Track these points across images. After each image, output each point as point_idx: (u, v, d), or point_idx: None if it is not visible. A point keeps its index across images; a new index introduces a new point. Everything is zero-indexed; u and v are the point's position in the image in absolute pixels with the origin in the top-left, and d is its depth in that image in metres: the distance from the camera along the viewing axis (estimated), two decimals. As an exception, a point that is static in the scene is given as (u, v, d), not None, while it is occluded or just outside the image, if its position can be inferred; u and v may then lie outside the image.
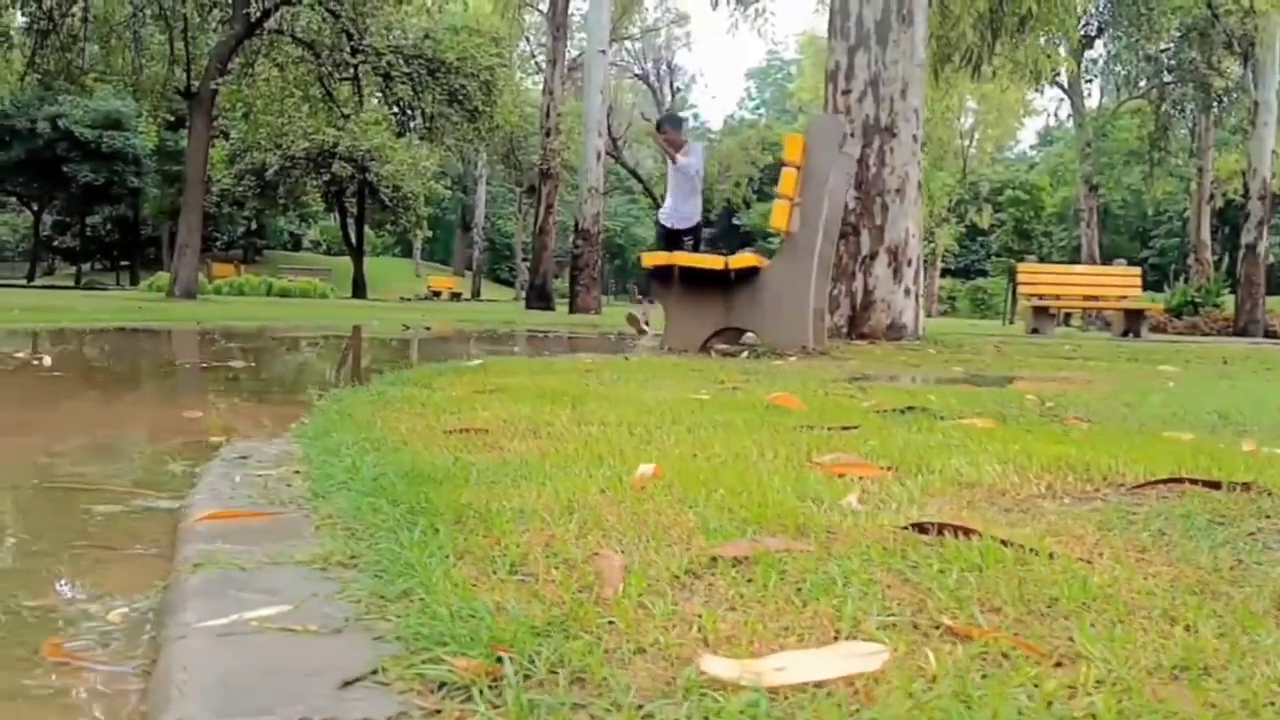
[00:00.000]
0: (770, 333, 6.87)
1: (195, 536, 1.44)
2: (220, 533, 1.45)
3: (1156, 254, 49.99)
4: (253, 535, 1.44)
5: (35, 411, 3.27)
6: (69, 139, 39.89)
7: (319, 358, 5.95)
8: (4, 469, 2.22)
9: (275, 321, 10.99)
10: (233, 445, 2.39)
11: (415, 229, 42.67)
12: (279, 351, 6.79)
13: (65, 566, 1.46)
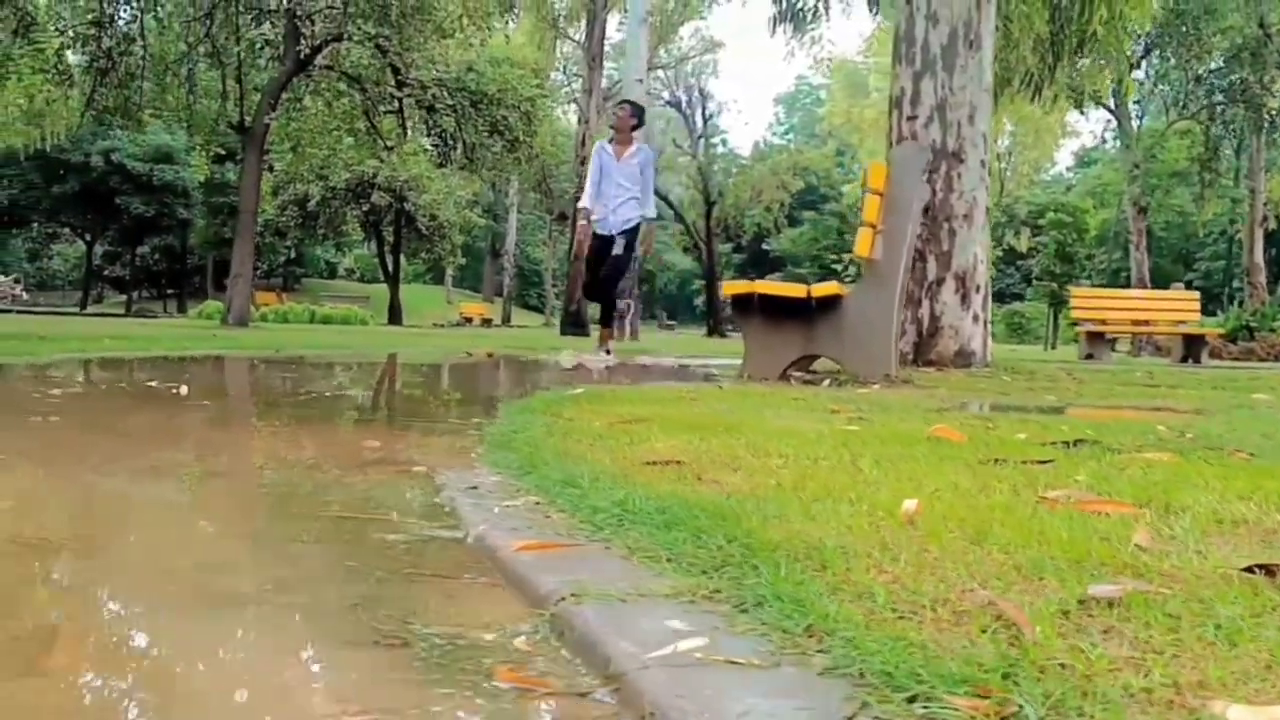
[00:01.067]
0: (853, 361, 6.87)
1: (528, 566, 1.51)
2: (546, 563, 1.51)
3: (1201, 277, 49.54)
4: (574, 565, 1.50)
5: (223, 441, 3.33)
6: (121, 172, 40.52)
7: (422, 384, 6.03)
8: (263, 499, 2.26)
9: (342, 348, 11.08)
10: (443, 474, 2.44)
11: (450, 256, 42.90)
12: (379, 378, 6.87)
13: (425, 595, 1.51)
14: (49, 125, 31.64)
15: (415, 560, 1.69)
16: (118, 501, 2.22)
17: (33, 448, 2.90)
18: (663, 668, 1.05)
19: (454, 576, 1.60)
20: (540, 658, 1.21)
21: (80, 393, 4.40)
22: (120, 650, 1.26)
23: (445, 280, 59.44)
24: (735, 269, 55.55)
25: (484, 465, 2.62)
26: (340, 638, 1.31)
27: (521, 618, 1.35)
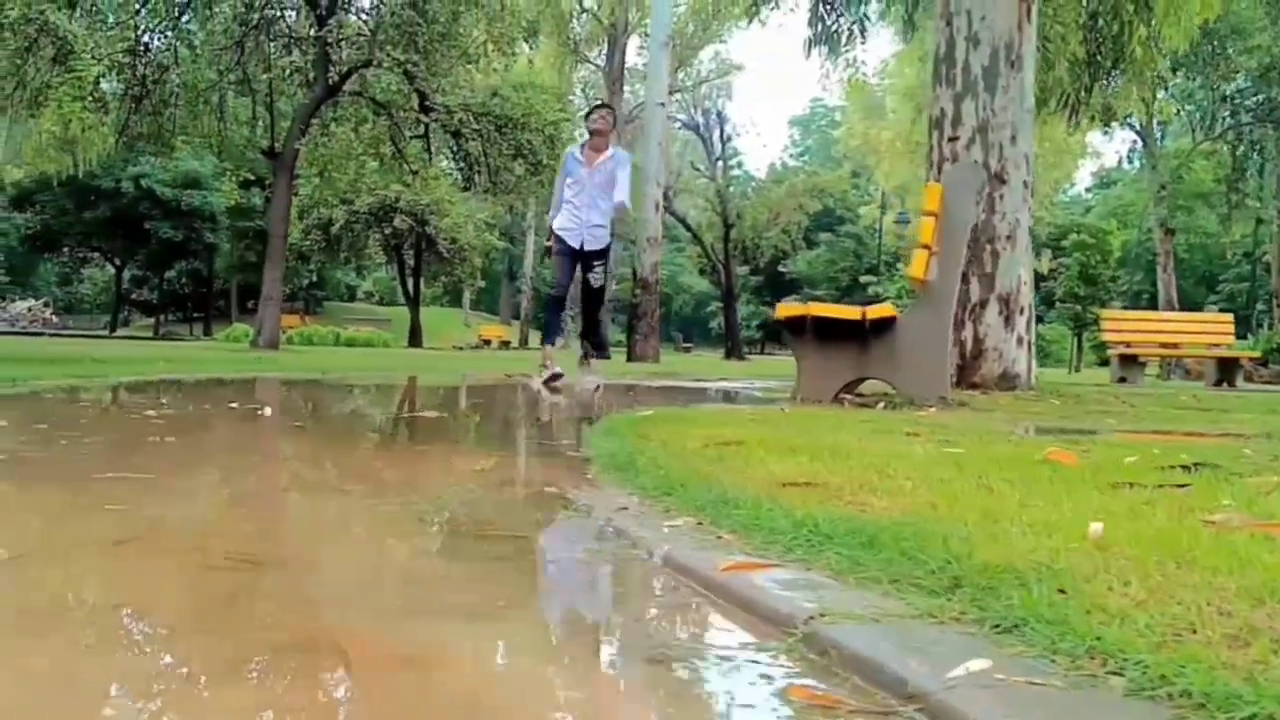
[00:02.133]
0: (907, 383, 6.85)
1: (747, 586, 1.52)
2: (762, 583, 1.51)
3: (1225, 299, 49.28)
4: (791, 585, 1.50)
5: (351, 462, 3.33)
6: (151, 198, 40.82)
7: (484, 406, 6.04)
8: (427, 517, 2.27)
9: (382, 371, 11.12)
10: (578, 494, 2.46)
11: (470, 279, 43.04)
12: (442, 401, 6.89)
13: (655, 613, 1.51)
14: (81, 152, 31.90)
15: (620, 579, 1.70)
16: (299, 520, 2.22)
17: (172, 469, 2.91)
18: (972, 688, 1.05)
19: (666, 596, 1.61)
20: (811, 676, 1.21)
21: (175, 414, 4.42)
22: (406, 661, 1.26)
23: (463, 303, 59.60)
24: (752, 291, 55.60)
25: (611, 485, 2.63)
26: (616, 654, 1.33)
27: (767, 636, 1.36)
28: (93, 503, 2.20)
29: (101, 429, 3.78)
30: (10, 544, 1.66)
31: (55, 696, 1.07)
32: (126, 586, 1.51)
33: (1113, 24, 12.76)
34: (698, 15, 33.83)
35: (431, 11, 20.19)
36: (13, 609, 1.37)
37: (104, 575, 1.58)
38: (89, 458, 3.04)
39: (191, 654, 1.22)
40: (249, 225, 43.47)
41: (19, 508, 2.14)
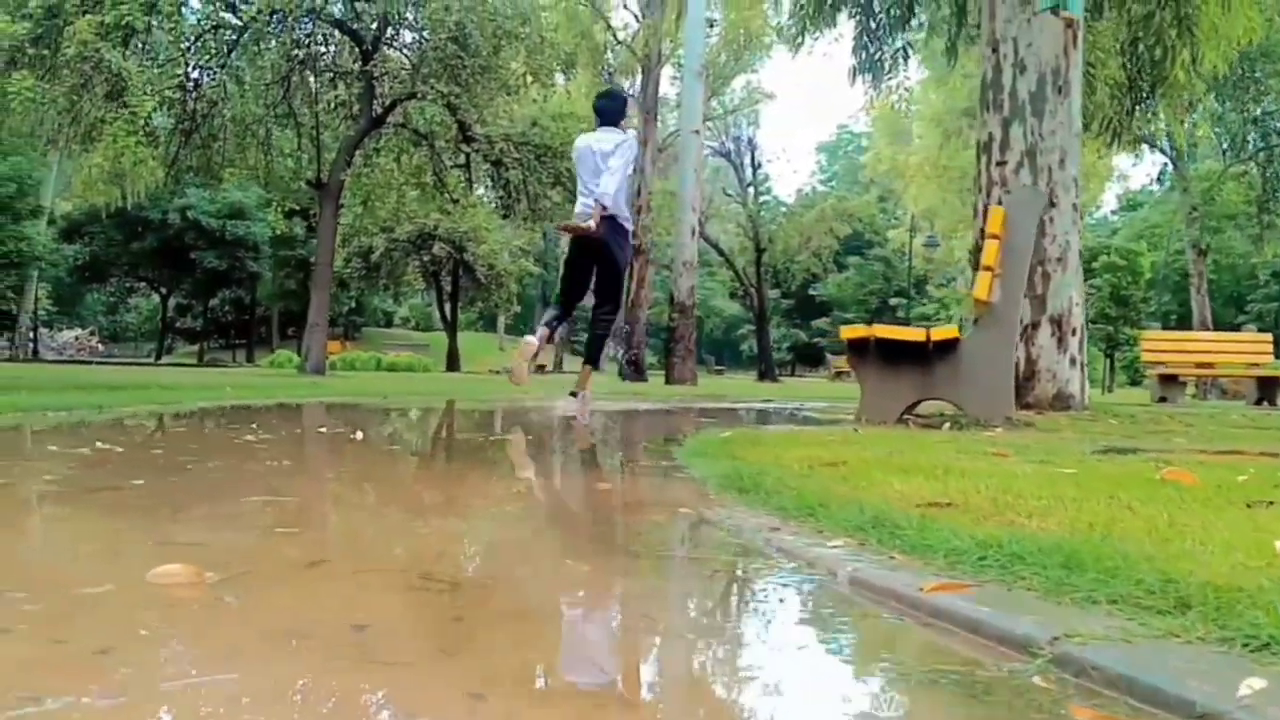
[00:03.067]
0: (972, 404, 6.82)
1: (974, 609, 1.50)
2: (976, 603, 1.50)
3: (1254, 319, 48.83)
4: (1008, 605, 1.48)
5: (478, 482, 3.34)
6: (196, 228, 41.33)
7: (559, 428, 6.03)
8: (584, 536, 2.26)
9: (439, 394, 11.15)
10: (715, 515, 2.44)
11: (506, 305, 43.21)
12: (515, 422, 6.91)
13: (886, 637, 1.50)
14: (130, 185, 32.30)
15: (819, 600, 1.69)
16: (466, 541, 2.22)
17: (313, 493, 2.93)
18: (1271, 706, 1.03)
19: (880, 618, 1.59)
20: (1077, 698, 1.19)
21: (274, 439, 4.44)
22: (677, 683, 1.26)
23: (498, 327, 59.85)
24: (782, 314, 55.56)
25: (740, 506, 2.62)
26: (884, 675, 1.32)
27: (1006, 658, 1.34)
28: (260, 526, 2.21)
29: (216, 453, 3.80)
30: (211, 566, 1.66)
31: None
32: (352, 607, 1.51)
33: (1155, 49, 12.70)
34: (729, 46, 33.95)
35: (473, 45, 20.34)
36: (254, 629, 1.37)
37: (319, 597, 1.58)
38: (226, 482, 3.05)
39: (454, 676, 1.22)
40: (291, 254, 43.91)
41: (195, 531, 2.15)
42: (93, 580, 1.59)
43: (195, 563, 1.65)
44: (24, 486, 2.60)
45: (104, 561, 1.81)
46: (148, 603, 1.47)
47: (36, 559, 1.81)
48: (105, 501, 2.48)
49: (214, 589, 1.56)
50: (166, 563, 1.64)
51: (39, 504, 2.39)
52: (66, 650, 1.24)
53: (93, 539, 2.01)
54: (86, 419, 5.44)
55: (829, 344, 60.92)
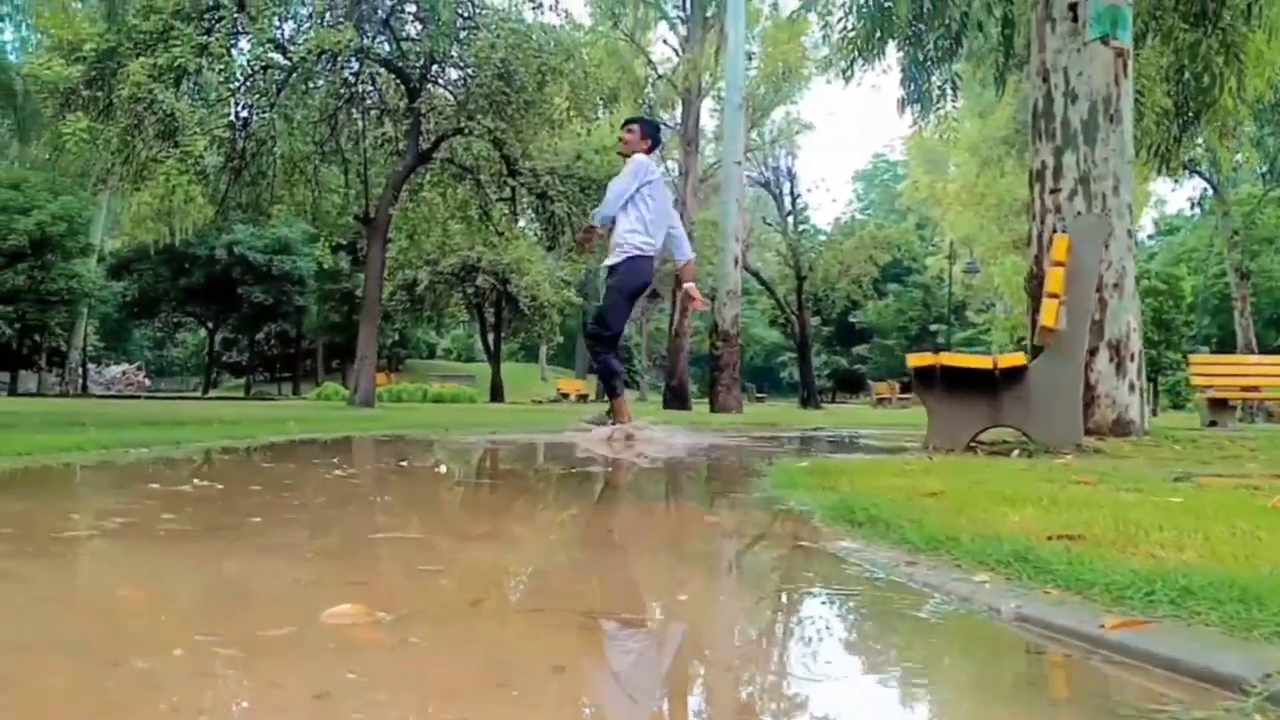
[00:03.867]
0: (1041, 431, 6.76)
1: (1168, 646, 1.47)
2: (1163, 640, 1.47)
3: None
4: (1199, 641, 1.45)
5: (593, 518, 3.33)
6: (243, 263, 41.91)
7: (641, 458, 6.03)
8: (725, 572, 2.25)
9: (495, 426, 11.16)
10: (840, 547, 2.42)
11: (549, 336, 43.40)
12: (586, 453, 6.91)
13: (1081, 678, 1.47)
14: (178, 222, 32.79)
15: (991, 639, 1.66)
16: (615, 575, 2.20)
17: (433, 528, 2.93)
18: None
19: (1062, 655, 1.57)
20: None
21: (360, 472, 4.46)
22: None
23: (540, 358, 60.05)
24: (822, 341, 55.45)
25: (859, 539, 2.59)
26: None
27: (1214, 695, 1.31)
28: (401, 563, 2.21)
29: (315, 489, 3.82)
30: (376, 606, 1.66)
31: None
32: (539, 648, 1.51)
33: (1201, 76, 12.64)
34: (768, 79, 34.09)
35: (518, 81, 20.52)
36: (458, 672, 1.37)
37: (502, 637, 1.58)
38: (343, 519, 3.07)
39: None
40: (335, 288, 44.36)
41: (341, 569, 2.15)
42: (269, 622, 1.60)
43: (357, 602, 1.65)
44: (150, 526, 2.62)
45: (269, 603, 1.81)
46: (338, 645, 1.47)
47: (201, 602, 1.81)
48: (234, 541, 2.49)
49: (392, 630, 1.56)
50: (324, 602, 1.64)
51: (175, 544, 2.40)
52: (285, 694, 1.24)
53: (245, 579, 2.02)
54: (168, 455, 5.49)
55: (870, 370, 60.74)
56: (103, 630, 1.53)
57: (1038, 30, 9.64)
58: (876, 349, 61.25)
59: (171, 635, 1.49)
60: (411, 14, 21.64)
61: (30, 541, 2.38)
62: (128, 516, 2.75)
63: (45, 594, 1.81)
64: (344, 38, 19.20)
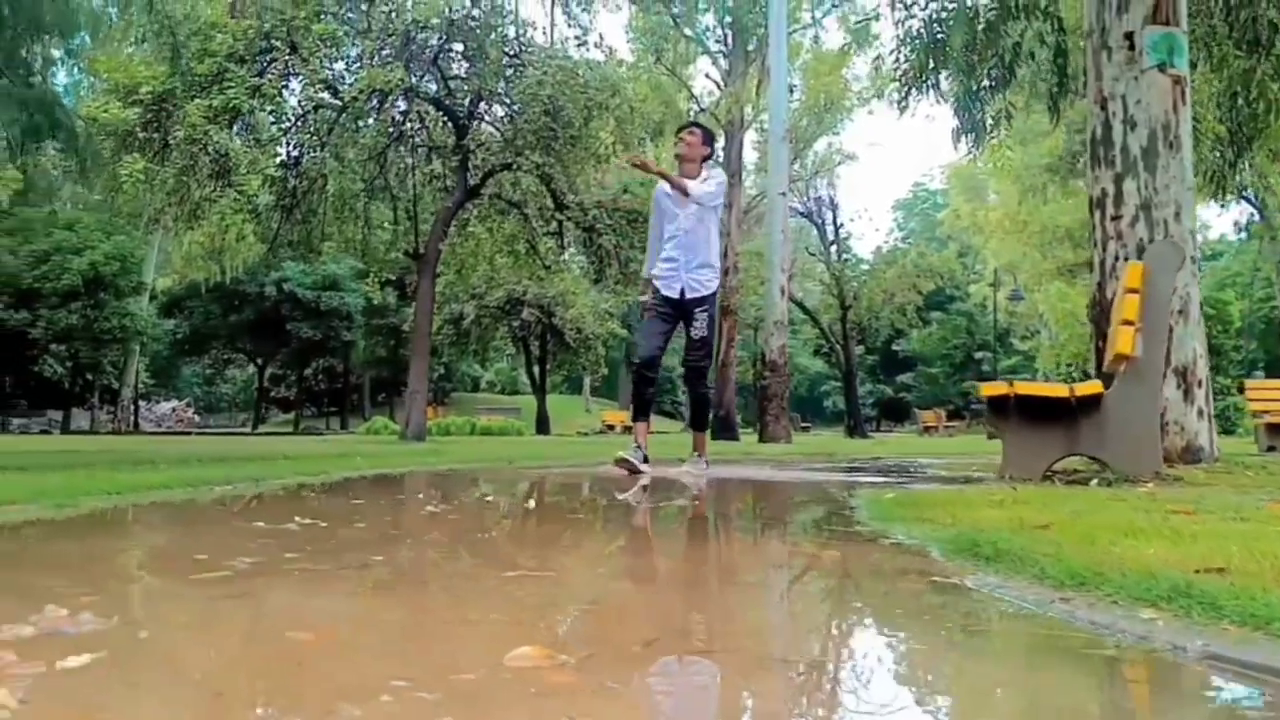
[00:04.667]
0: (1120, 459, 6.66)
1: None
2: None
3: (1333, 365, 47.51)
4: None
5: (687, 553, 3.31)
6: (292, 300, 42.40)
7: (711, 491, 5.99)
8: (875, 610, 2.21)
9: (557, 459, 11.15)
10: (976, 582, 2.37)
11: (594, 368, 43.50)
12: (658, 485, 6.87)
13: None
14: (228, 260, 33.30)
15: (1184, 685, 1.62)
16: (761, 613, 2.17)
17: (555, 565, 2.91)
18: None
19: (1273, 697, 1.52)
20: None
21: (450, 508, 4.46)
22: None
23: (584, 390, 60.16)
24: (867, 370, 55.19)
25: (989, 573, 2.54)
26: None
27: None
28: (549, 602, 2.19)
29: (417, 525, 3.82)
30: (551, 647, 1.64)
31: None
32: (744, 695, 1.48)
33: (1256, 101, 12.53)
34: (810, 110, 34.24)
35: (565, 117, 20.65)
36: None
37: (698, 683, 1.55)
38: (464, 556, 3.06)
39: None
40: (383, 323, 44.74)
41: (491, 608, 2.13)
42: (454, 665, 1.58)
43: (525, 643, 1.63)
44: (278, 566, 2.61)
45: (442, 644, 1.79)
46: (538, 689, 1.45)
47: (375, 644, 1.80)
48: (370, 580, 2.48)
49: (581, 673, 1.54)
50: (495, 643, 1.62)
51: (315, 584, 2.40)
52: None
53: (404, 621, 2.01)
54: (252, 491, 5.51)
55: (914, 398, 60.30)
56: (297, 676, 1.52)
57: (1094, 59, 9.59)
58: (921, 377, 60.85)
59: (367, 680, 1.47)
60: (458, 53, 21.84)
61: (172, 583, 2.38)
62: (251, 556, 2.75)
63: (215, 638, 1.81)
64: (394, 77, 19.43)
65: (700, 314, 7.44)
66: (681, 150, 7.69)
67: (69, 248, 36.85)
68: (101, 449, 13.95)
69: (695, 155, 7.62)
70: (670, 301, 7.48)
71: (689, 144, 7.66)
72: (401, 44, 20.29)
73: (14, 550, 3.26)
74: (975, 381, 56.73)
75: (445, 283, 32.74)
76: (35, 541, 3.49)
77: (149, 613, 2.01)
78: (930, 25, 10.98)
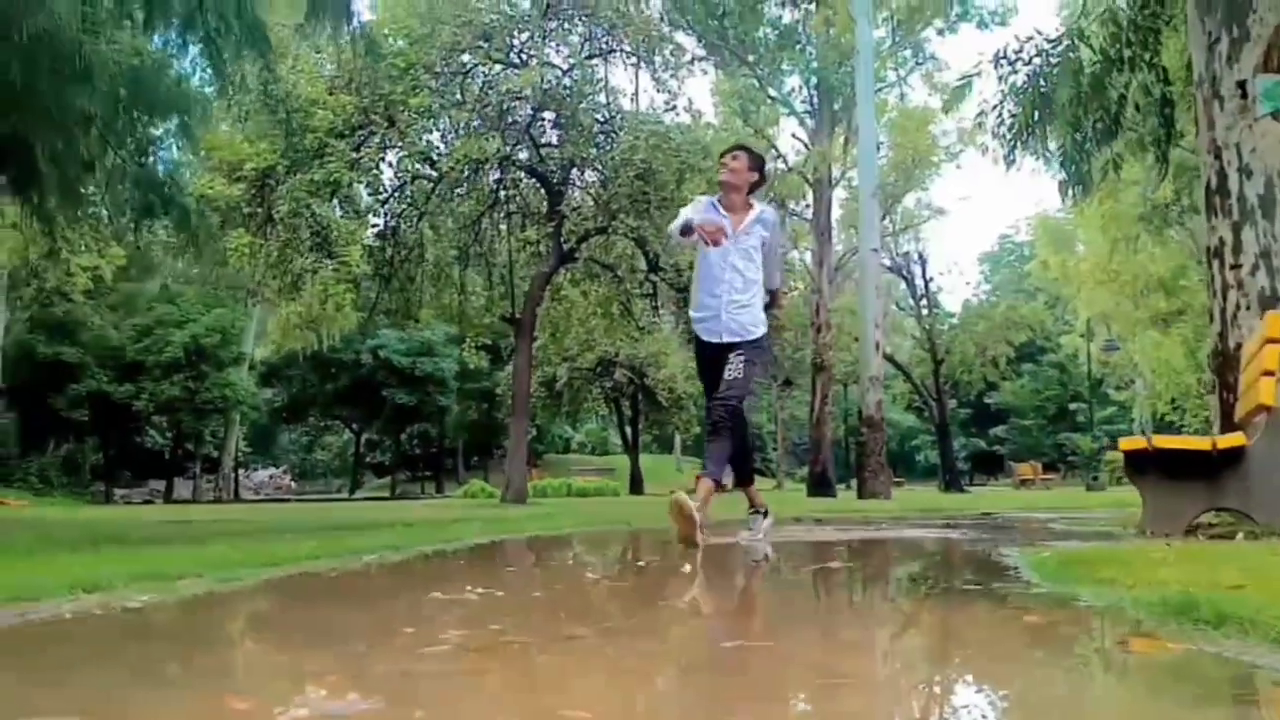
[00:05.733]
0: (1267, 513, 6.44)
1: None
2: None
3: None
4: None
5: (890, 618, 3.26)
6: (387, 367, 43.17)
7: (857, 548, 5.91)
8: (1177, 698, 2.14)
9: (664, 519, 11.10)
10: (1225, 647, 2.29)
11: (686, 427, 43.49)
12: (807, 547, 6.82)
13: None
14: (326, 328, 34.07)
15: None
16: (1021, 687, 2.09)
17: (769, 639, 2.89)
18: None
19: None
20: None
21: (611, 575, 4.45)
22: None
23: (674, 448, 60.10)
24: (959, 423, 54.39)
25: (1225, 641, 2.44)
26: None
27: None
28: (804, 676, 2.16)
29: (592, 593, 3.81)
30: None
31: None
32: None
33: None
34: (898, 167, 34.28)
35: (659, 179, 20.85)
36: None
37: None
38: (668, 624, 3.04)
39: None
40: (475, 387, 45.32)
41: (747, 688, 2.11)
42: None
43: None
44: (488, 638, 2.60)
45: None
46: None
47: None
48: (596, 654, 2.47)
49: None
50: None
51: (545, 658, 2.40)
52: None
53: (677, 699, 2.00)
54: (398, 559, 5.54)
55: (1008, 451, 59.16)
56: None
57: (1204, 109, 9.43)
58: (1014, 429, 59.74)
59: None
60: (550, 121, 22.24)
61: (403, 658, 2.40)
62: (456, 629, 2.73)
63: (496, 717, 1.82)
64: (490, 147, 19.82)
65: (736, 358, 6.18)
66: (725, 177, 6.42)
67: (171, 321, 38.08)
68: (216, 518, 14.23)
69: (741, 183, 6.38)
70: (710, 347, 6.34)
71: (733, 170, 6.41)
72: (496, 115, 20.72)
73: (213, 625, 3.32)
74: (1070, 433, 55.51)
75: (538, 346, 33.17)
76: (236, 616, 3.55)
77: (406, 691, 2.02)
78: (1035, 80, 10.93)
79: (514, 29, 21.25)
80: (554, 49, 21.73)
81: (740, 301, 6.25)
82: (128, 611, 3.23)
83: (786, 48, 31.58)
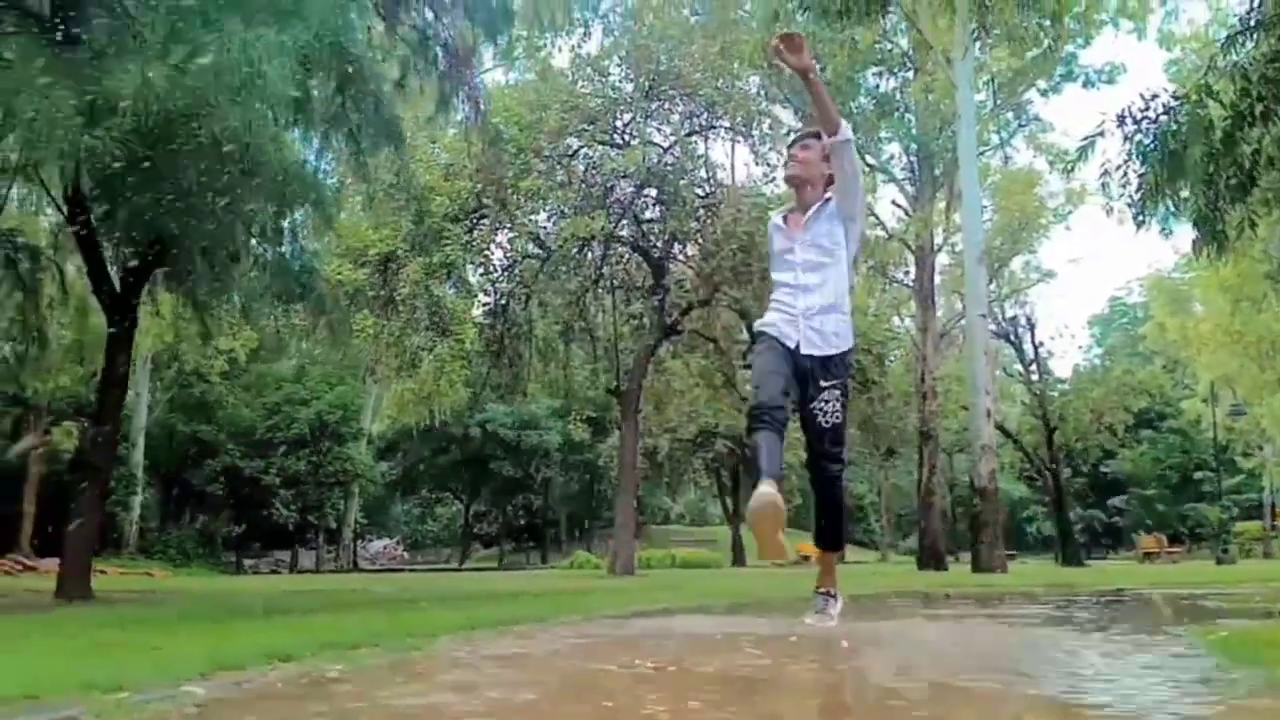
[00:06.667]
0: None
1: None
2: None
3: None
4: None
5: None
6: (494, 440, 43.98)
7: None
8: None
9: (790, 594, 11.01)
10: None
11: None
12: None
13: None
14: (437, 404, 34.79)
15: None
16: None
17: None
18: None
19: None
20: None
21: (785, 656, 4.48)
22: None
23: (774, 520, 59.58)
24: (1074, 494, 52.88)
25: None
26: None
27: None
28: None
29: (776, 674, 3.85)
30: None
31: None
32: None
33: None
34: (1003, 230, 33.97)
35: (760, 250, 20.97)
36: None
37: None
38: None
39: None
40: (578, 458, 45.76)
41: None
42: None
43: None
44: (696, 717, 2.68)
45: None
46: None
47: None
48: None
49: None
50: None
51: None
52: None
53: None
54: (544, 631, 5.61)
55: (1128, 523, 57.15)
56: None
57: (1339, 161, 9.28)
58: (1134, 499, 57.66)
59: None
60: (653, 198, 22.58)
61: None
62: (648, 706, 2.81)
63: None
64: (595, 225, 20.20)
65: (828, 387, 5.10)
66: (794, 170, 5.27)
67: (297, 399, 40.12)
68: (349, 588, 14.57)
69: (814, 175, 5.20)
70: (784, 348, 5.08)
71: (802, 161, 5.25)
72: (601, 194, 21.16)
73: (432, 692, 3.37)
74: (1195, 503, 53.54)
75: (641, 417, 33.40)
76: (443, 688, 3.60)
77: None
78: (1163, 138, 10.79)
79: (617, 111, 21.72)
80: (655, 128, 22.12)
81: (822, 303, 5.06)
82: (333, 680, 3.37)
83: (885, 115, 31.67)
